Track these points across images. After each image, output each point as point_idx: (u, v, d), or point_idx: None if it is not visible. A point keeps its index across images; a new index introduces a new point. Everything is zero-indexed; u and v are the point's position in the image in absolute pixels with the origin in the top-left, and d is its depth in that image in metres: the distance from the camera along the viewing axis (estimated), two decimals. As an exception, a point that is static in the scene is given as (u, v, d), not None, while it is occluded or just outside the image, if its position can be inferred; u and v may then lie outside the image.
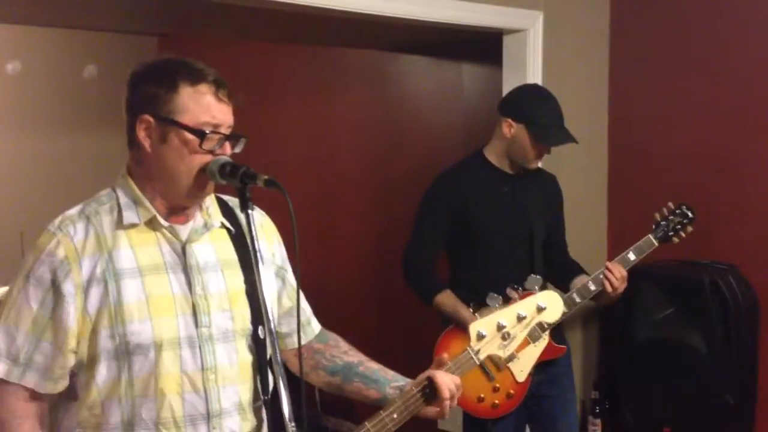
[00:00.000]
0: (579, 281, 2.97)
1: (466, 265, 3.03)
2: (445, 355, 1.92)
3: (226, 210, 1.78)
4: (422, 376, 1.87)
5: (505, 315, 1.98)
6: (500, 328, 1.97)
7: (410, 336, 3.28)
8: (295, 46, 5.07)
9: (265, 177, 1.58)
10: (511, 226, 2.99)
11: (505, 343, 1.98)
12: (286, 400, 1.53)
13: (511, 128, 2.91)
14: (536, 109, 2.92)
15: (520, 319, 1.98)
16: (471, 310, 2.60)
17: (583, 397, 3.81)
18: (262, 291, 1.56)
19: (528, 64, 3.41)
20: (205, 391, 1.66)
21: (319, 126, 5.08)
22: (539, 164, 3.04)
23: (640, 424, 3.46)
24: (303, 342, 1.91)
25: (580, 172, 3.74)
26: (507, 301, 2.04)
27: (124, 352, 1.60)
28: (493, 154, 3.00)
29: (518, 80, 3.34)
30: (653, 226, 2.97)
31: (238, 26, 4.38)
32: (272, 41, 5.09)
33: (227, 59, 5.52)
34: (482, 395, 2.85)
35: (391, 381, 1.89)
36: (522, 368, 2.86)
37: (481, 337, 1.96)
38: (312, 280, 5.15)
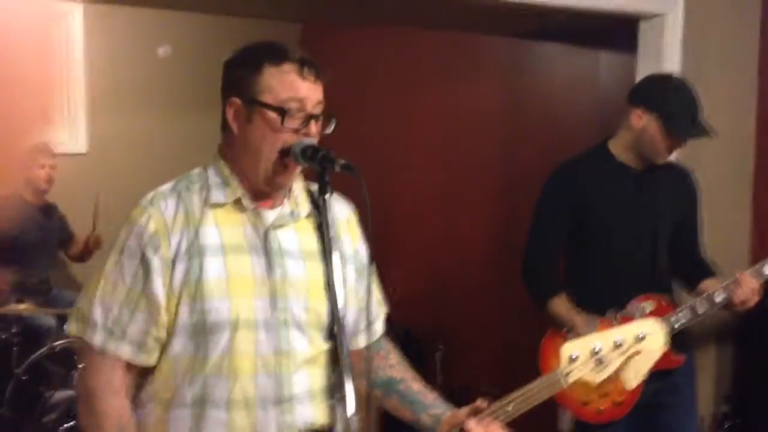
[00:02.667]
0: (707, 286, 2.76)
1: (582, 263, 2.88)
2: (482, 404, 1.74)
3: (314, 199, 1.76)
4: (458, 418, 1.73)
5: (602, 339, 1.87)
6: (594, 353, 1.85)
7: (537, 333, 3.19)
8: (429, 33, 5.03)
9: (342, 161, 1.57)
10: (633, 225, 2.80)
11: (599, 368, 1.86)
12: (350, 392, 1.48)
13: (641, 119, 2.70)
14: (670, 98, 2.71)
15: (617, 345, 1.87)
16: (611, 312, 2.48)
17: (714, 410, 3.58)
18: (332, 281, 1.54)
19: (665, 53, 3.22)
20: (278, 375, 1.65)
21: (450, 114, 5.01)
22: (669, 158, 2.83)
23: (773, 443, 3.22)
24: (363, 344, 1.88)
25: (721, 171, 3.49)
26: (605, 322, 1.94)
27: (201, 329, 1.61)
28: (618, 147, 2.80)
29: (654, 70, 3.14)
30: None
31: (377, 11, 4.40)
32: (407, 26, 5.08)
33: (366, 46, 5.58)
34: (587, 399, 2.72)
35: (427, 407, 1.79)
36: (632, 375, 2.69)
37: (572, 360, 1.84)
38: (436, 271, 5.16)
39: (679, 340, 2.74)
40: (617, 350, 1.87)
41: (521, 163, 4.55)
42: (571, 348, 1.84)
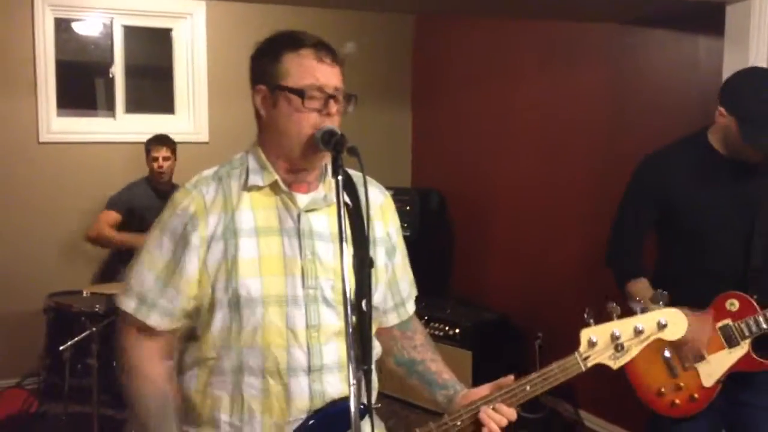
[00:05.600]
0: None
1: (671, 254, 2.79)
2: (510, 378, 1.86)
3: (349, 184, 1.85)
4: (476, 396, 1.85)
5: (622, 326, 1.89)
6: (614, 338, 1.88)
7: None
8: (533, 22, 5.06)
9: (349, 145, 1.67)
10: (726, 219, 2.65)
11: (618, 354, 1.89)
12: (353, 365, 1.57)
13: (723, 118, 2.58)
14: (748, 101, 2.53)
15: (637, 332, 1.89)
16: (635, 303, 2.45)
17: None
18: (343, 266, 1.59)
19: (751, 38, 3.10)
20: (308, 346, 1.77)
21: (552, 101, 5.01)
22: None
23: None
24: (394, 322, 2.01)
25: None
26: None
27: (236, 304, 1.75)
28: (714, 136, 2.66)
29: (740, 56, 3.07)
30: None
31: (486, 2, 4.46)
32: (514, 16, 5.12)
33: (474, 36, 5.64)
34: (663, 390, 2.68)
35: (441, 387, 1.92)
36: (710, 373, 2.63)
37: (591, 344, 1.87)
38: (535, 258, 5.16)
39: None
40: (637, 337, 1.90)
41: (623, 151, 4.49)
42: (590, 332, 1.89)
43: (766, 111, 2.50)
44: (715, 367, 2.64)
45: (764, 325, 2.59)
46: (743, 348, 2.62)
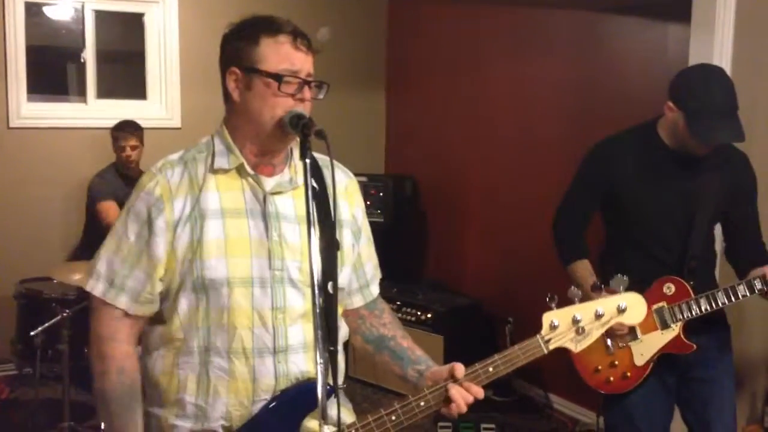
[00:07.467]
0: (753, 275, 2.69)
1: (616, 237, 2.89)
2: (460, 368, 1.87)
3: (314, 167, 1.85)
4: (441, 374, 1.87)
5: (583, 310, 1.93)
6: (575, 322, 1.92)
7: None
8: (505, 7, 5.09)
9: (317, 128, 1.69)
10: (668, 210, 2.74)
11: (579, 337, 1.93)
12: (320, 346, 1.58)
13: (671, 112, 2.64)
14: (696, 96, 2.57)
15: (597, 316, 1.93)
16: (594, 286, 2.50)
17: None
18: (310, 248, 1.61)
19: (717, 24, 3.13)
20: (273, 327, 1.79)
21: (523, 88, 5.04)
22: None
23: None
24: (359, 304, 2.03)
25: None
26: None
27: (201, 285, 1.77)
28: (662, 129, 2.74)
29: (707, 42, 3.10)
30: None
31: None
32: (486, 1, 5.14)
33: (446, 20, 5.65)
34: (599, 367, 2.78)
35: (414, 362, 1.95)
36: (642, 352, 2.73)
37: (553, 327, 1.91)
38: (507, 245, 5.19)
39: (713, 320, 2.77)
40: (598, 321, 1.94)
41: (593, 137, 4.50)
42: (552, 316, 1.92)
43: (713, 107, 2.56)
44: (647, 347, 2.73)
45: (696, 310, 2.69)
46: (674, 330, 2.72)
